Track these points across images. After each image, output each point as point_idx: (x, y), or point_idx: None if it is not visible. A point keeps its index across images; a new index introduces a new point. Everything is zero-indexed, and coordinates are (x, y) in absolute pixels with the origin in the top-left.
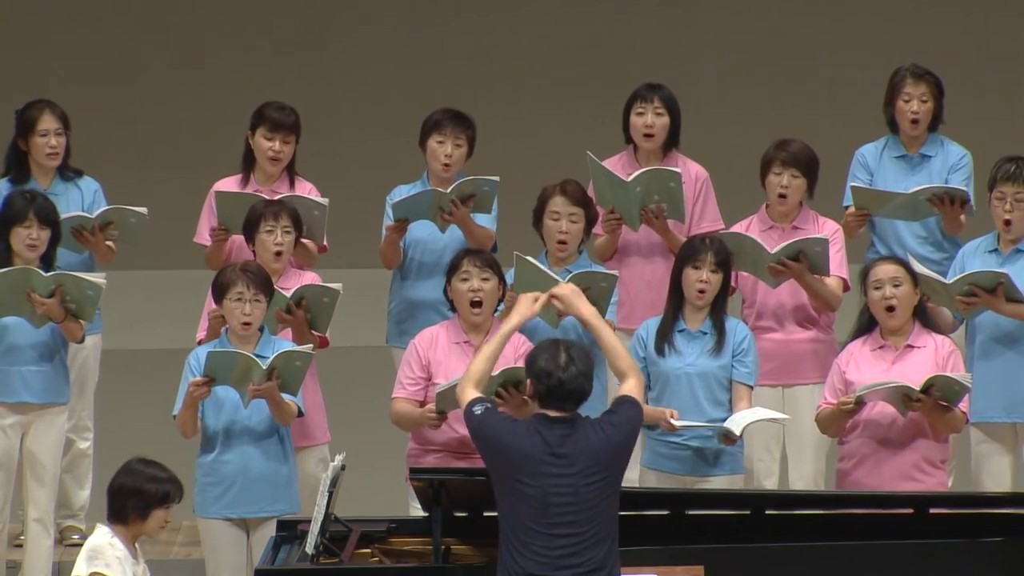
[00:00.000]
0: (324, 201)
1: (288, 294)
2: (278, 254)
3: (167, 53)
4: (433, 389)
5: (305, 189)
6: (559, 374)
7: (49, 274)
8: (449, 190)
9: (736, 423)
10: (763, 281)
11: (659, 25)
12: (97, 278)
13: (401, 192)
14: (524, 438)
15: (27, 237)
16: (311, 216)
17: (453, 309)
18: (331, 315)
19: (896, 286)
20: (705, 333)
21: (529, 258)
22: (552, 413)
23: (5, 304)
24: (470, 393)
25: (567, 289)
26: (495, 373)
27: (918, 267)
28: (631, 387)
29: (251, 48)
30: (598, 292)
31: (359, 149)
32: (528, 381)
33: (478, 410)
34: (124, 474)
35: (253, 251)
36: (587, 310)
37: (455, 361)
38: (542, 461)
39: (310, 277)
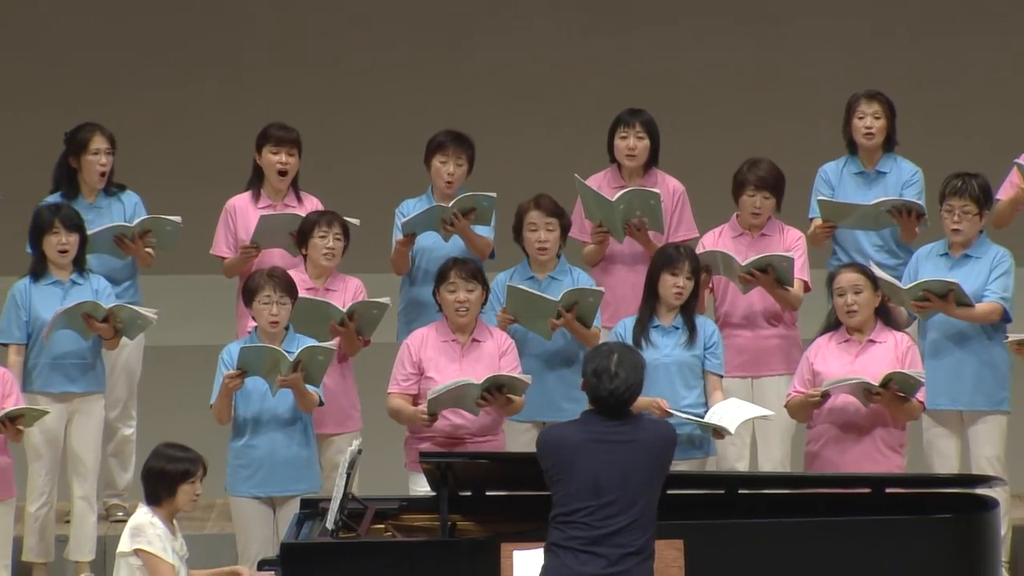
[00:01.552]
0: (355, 221)
1: (341, 307)
2: (328, 255)
3: (200, 77)
4: (424, 383)
5: (312, 204)
6: (606, 384)
7: (109, 305)
8: (451, 204)
9: (727, 419)
10: (735, 286)
11: (641, 52)
12: (150, 313)
13: (409, 206)
14: (574, 433)
15: (57, 244)
16: None
17: (442, 311)
18: (377, 324)
19: (857, 293)
20: (677, 328)
21: (521, 286)
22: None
23: (68, 324)
24: None
25: None
26: (480, 381)
27: (879, 272)
28: None
29: (275, 72)
30: (587, 305)
31: (370, 165)
32: (582, 380)
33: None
34: (150, 460)
35: (305, 255)
36: None
37: (444, 359)
38: (592, 448)
39: (355, 283)
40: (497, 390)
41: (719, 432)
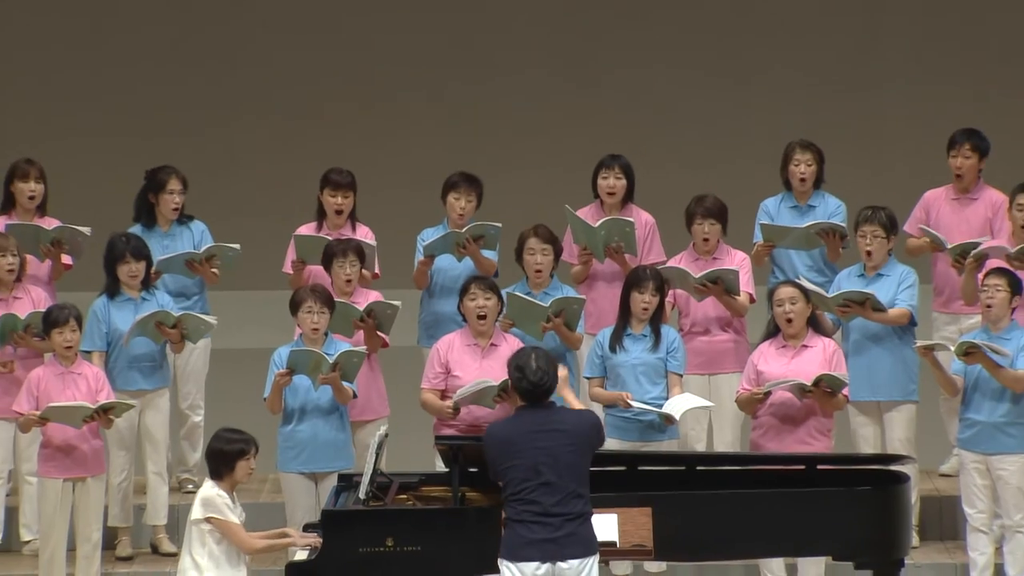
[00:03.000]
0: (373, 243)
1: (361, 309)
2: (348, 281)
3: (260, 125)
4: (450, 380)
5: (363, 231)
6: (530, 377)
7: (178, 314)
8: (464, 231)
9: (675, 409)
10: (693, 297)
11: (620, 104)
12: (211, 319)
13: (428, 233)
14: (512, 426)
15: (129, 271)
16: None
17: (465, 320)
18: (393, 322)
19: (793, 304)
20: (645, 336)
21: (517, 293)
22: (532, 404)
23: (143, 332)
24: None
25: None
26: (497, 382)
27: (811, 286)
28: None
29: (323, 121)
30: (571, 312)
31: (398, 199)
32: (508, 382)
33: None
34: (212, 442)
35: (331, 276)
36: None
37: (468, 360)
38: (528, 435)
39: (374, 295)
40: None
41: (669, 418)
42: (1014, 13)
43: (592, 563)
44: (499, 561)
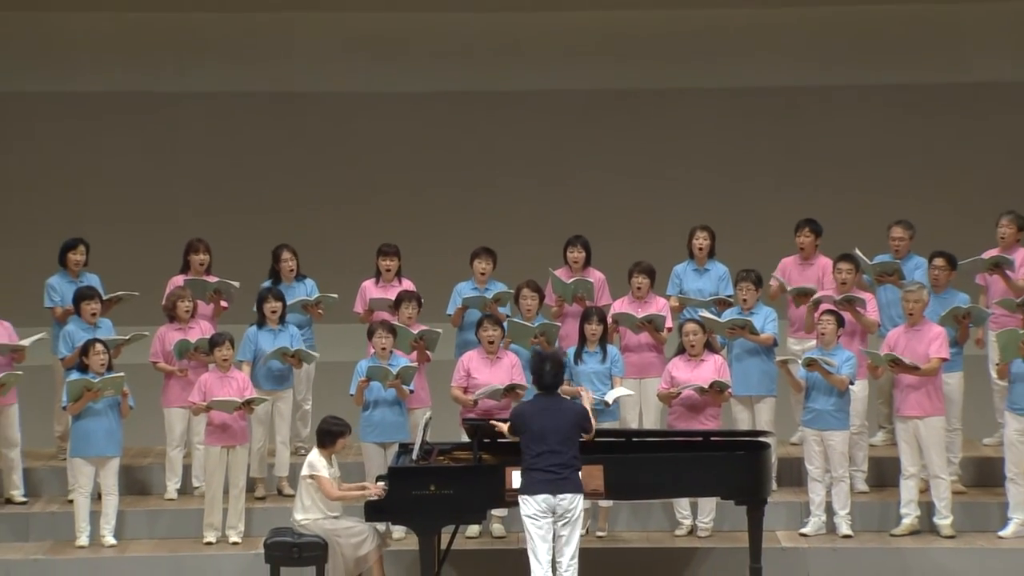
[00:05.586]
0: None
1: (415, 333)
2: (409, 317)
3: (355, 210)
4: (470, 381)
5: (407, 283)
6: (544, 376)
7: (294, 348)
8: (490, 296)
9: (609, 396)
10: (631, 331)
11: (580, 201)
12: (315, 353)
13: (462, 287)
14: (529, 407)
15: (271, 309)
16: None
17: (480, 343)
18: (436, 343)
19: (695, 335)
20: (597, 352)
21: (516, 319)
22: (544, 393)
23: (274, 357)
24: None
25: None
26: (503, 385)
27: (707, 315)
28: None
29: (386, 206)
30: (550, 334)
31: (437, 263)
32: (532, 377)
33: (509, 418)
34: (324, 424)
35: (397, 314)
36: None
37: (482, 367)
38: (539, 414)
39: (421, 326)
40: (511, 391)
41: (605, 403)
42: (838, 140)
43: (579, 499)
44: (519, 497)
